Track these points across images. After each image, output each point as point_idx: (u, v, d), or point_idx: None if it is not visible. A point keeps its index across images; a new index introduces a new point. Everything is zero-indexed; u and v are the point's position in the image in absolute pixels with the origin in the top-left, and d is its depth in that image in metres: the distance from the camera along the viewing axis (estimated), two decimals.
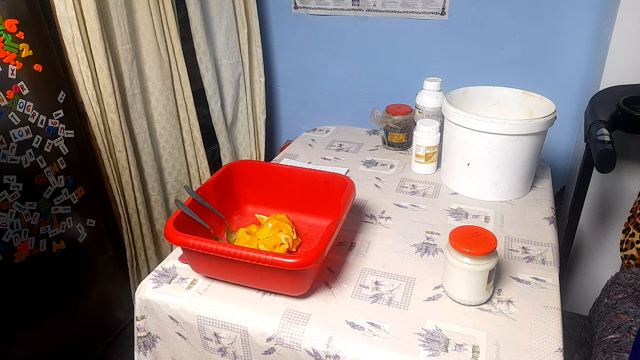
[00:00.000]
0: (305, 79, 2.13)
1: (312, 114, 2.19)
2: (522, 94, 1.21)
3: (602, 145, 1.08)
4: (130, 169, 1.51)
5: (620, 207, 1.56)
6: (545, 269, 0.90)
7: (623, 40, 1.39)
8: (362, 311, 0.81)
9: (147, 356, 0.93)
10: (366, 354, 0.74)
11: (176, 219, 0.84)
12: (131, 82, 1.49)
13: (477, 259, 0.77)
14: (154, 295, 0.87)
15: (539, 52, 1.72)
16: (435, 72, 1.43)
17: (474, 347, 0.73)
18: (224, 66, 1.84)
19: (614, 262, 1.62)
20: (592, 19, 1.61)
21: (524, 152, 1.07)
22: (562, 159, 1.84)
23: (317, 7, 1.94)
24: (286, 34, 2.07)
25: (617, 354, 1.02)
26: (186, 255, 0.88)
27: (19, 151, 1.23)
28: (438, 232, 1.01)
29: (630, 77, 1.40)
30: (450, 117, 1.11)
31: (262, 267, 0.76)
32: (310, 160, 1.35)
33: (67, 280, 1.45)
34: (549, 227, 1.03)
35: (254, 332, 0.80)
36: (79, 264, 1.48)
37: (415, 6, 1.81)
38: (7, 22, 1.15)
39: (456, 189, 1.17)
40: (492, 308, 0.81)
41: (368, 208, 1.11)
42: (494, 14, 1.72)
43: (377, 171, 1.28)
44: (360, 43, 1.96)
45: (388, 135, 1.39)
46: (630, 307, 1.13)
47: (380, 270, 0.91)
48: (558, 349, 0.73)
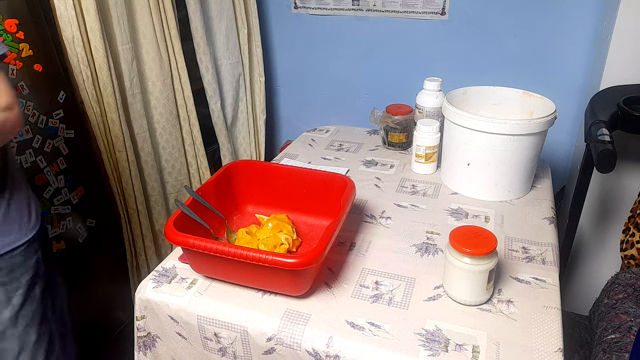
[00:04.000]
0: (305, 79, 2.13)
1: (312, 114, 2.19)
2: (522, 94, 1.21)
3: (602, 145, 1.08)
4: (130, 169, 1.51)
5: (620, 207, 1.56)
6: (545, 269, 0.90)
7: (623, 40, 1.39)
8: (362, 311, 0.81)
9: (147, 356, 0.93)
10: (366, 354, 0.74)
11: (176, 219, 0.84)
12: (131, 82, 1.49)
13: (477, 259, 0.77)
14: (154, 295, 0.87)
15: (539, 52, 1.72)
16: (435, 72, 1.43)
17: (474, 347, 0.73)
18: (224, 66, 1.84)
19: (614, 262, 1.62)
20: (592, 19, 1.61)
21: (524, 152, 1.07)
22: (562, 159, 1.84)
23: (317, 7, 1.95)
24: (286, 33, 2.07)
25: (617, 354, 1.02)
26: (186, 255, 0.88)
27: (19, 151, 1.23)
28: (438, 232, 1.01)
29: (630, 77, 1.40)
30: (450, 117, 1.11)
31: (262, 267, 0.76)
32: (310, 160, 1.35)
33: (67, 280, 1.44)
34: (549, 227, 1.03)
35: (254, 332, 0.80)
36: (79, 264, 1.47)
37: (415, 6, 1.81)
38: (7, 22, 1.15)
39: (456, 189, 1.17)
40: (492, 308, 0.81)
41: (368, 208, 1.11)
42: (494, 14, 1.72)
43: (377, 171, 1.28)
44: (360, 43, 1.96)
45: (388, 135, 1.39)
46: (630, 307, 1.13)
47: (380, 270, 0.91)
48: (558, 349, 0.73)
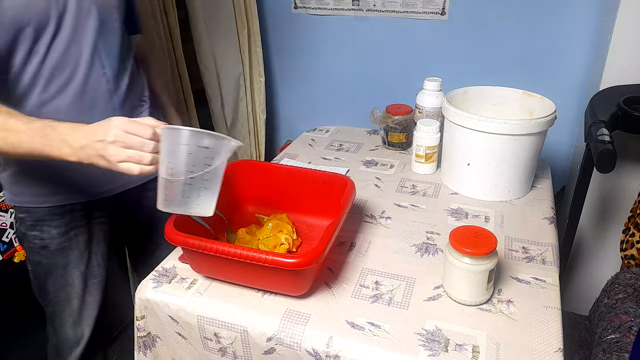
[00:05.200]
0: (305, 79, 2.13)
1: (312, 114, 2.19)
2: (522, 94, 1.21)
3: (602, 145, 1.08)
4: None
5: (620, 207, 1.57)
6: (545, 269, 0.90)
7: (623, 40, 1.39)
8: (362, 311, 0.81)
9: (147, 356, 0.93)
10: (366, 354, 0.74)
11: (176, 219, 0.84)
12: None
13: (477, 259, 0.77)
14: (154, 295, 0.87)
15: (539, 52, 1.72)
16: (435, 72, 1.43)
17: (474, 347, 0.73)
18: (224, 66, 1.84)
19: (614, 262, 1.62)
20: (592, 19, 1.61)
21: (524, 152, 1.07)
22: (562, 159, 1.84)
23: (317, 7, 1.95)
24: (286, 33, 2.07)
25: (617, 354, 1.02)
26: (186, 255, 0.88)
27: None
28: (438, 232, 1.01)
29: (630, 77, 1.40)
30: (450, 117, 1.11)
31: (262, 267, 0.76)
32: (310, 160, 1.35)
33: None
34: (549, 227, 1.03)
35: (254, 332, 0.80)
36: None
37: (415, 6, 1.81)
38: None
39: (456, 189, 1.17)
40: (492, 308, 0.81)
41: (368, 208, 1.11)
42: (494, 14, 1.72)
43: (377, 171, 1.28)
44: (360, 43, 1.96)
45: (388, 135, 1.39)
46: (630, 307, 1.13)
47: (380, 270, 0.91)
48: (558, 349, 0.73)
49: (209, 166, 0.72)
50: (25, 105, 0.87)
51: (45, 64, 0.86)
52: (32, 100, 0.88)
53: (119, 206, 1.08)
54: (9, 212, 1.23)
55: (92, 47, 0.90)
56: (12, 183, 0.97)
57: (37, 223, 0.98)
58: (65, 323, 1.05)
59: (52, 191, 0.97)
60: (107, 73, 0.94)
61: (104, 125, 0.72)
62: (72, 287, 1.04)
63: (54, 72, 0.87)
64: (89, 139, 0.72)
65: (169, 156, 0.71)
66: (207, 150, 0.71)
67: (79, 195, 1.00)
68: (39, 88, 0.87)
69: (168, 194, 0.73)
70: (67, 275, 1.03)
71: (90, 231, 1.05)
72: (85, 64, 0.90)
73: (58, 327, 1.06)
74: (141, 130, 0.71)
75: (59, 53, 0.87)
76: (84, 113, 0.92)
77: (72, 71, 0.89)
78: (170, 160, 0.71)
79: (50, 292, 1.03)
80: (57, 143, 0.74)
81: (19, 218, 1.00)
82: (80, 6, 0.87)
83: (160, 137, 0.72)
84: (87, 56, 0.90)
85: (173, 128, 0.71)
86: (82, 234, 1.03)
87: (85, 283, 1.05)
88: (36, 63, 0.85)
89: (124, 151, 0.71)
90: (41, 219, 0.98)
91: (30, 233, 0.99)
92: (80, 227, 1.02)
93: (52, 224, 0.99)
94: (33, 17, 0.81)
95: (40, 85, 0.87)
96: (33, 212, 0.98)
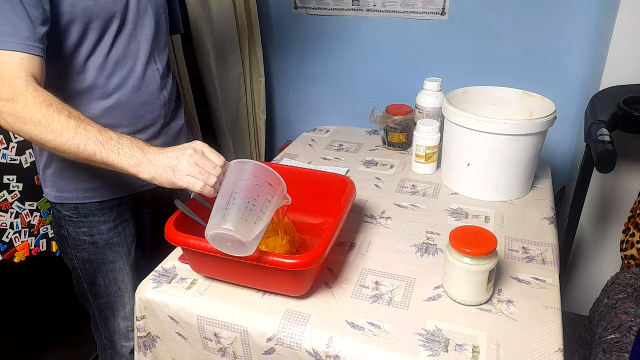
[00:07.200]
0: (305, 79, 2.13)
1: (312, 114, 2.19)
2: (522, 94, 1.21)
3: (602, 145, 1.08)
4: None
5: (620, 207, 1.56)
6: (545, 269, 0.90)
7: (623, 40, 1.39)
8: (362, 311, 0.81)
9: (147, 356, 0.93)
10: (366, 354, 0.74)
11: (176, 219, 0.84)
12: None
13: (477, 259, 0.77)
14: (154, 295, 0.87)
15: (539, 52, 1.72)
16: (435, 72, 1.43)
17: (474, 347, 0.73)
18: (224, 66, 1.84)
19: (614, 262, 1.62)
20: (592, 19, 1.61)
21: (524, 152, 1.07)
22: (562, 159, 1.84)
23: (317, 7, 1.95)
24: (286, 33, 2.07)
25: (617, 354, 1.02)
26: (186, 255, 0.88)
27: (19, 151, 1.23)
28: (438, 232, 1.01)
29: (630, 77, 1.40)
30: (450, 117, 1.11)
31: (262, 268, 0.76)
32: (310, 160, 1.35)
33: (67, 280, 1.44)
34: (549, 227, 1.03)
35: (254, 332, 0.80)
36: None
37: (415, 6, 1.81)
38: None
39: (456, 189, 1.17)
40: (492, 308, 0.81)
41: (368, 208, 1.11)
42: (494, 14, 1.72)
43: (377, 171, 1.28)
44: (360, 43, 1.96)
45: (388, 135, 1.39)
46: (630, 307, 1.13)
47: (380, 270, 0.91)
48: (558, 349, 0.73)
49: (269, 202, 0.77)
50: (90, 99, 0.92)
51: (109, 57, 0.92)
52: (96, 93, 0.92)
53: (159, 199, 1.11)
54: (9, 212, 1.23)
55: (148, 44, 0.96)
56: (60, 179, 0.99)
57: (86, 219, 1.00)
58: (118, 314, 1.09)
59: (101, 185, 0.99)
60: (159, 69, 1.00)
61: (185, 144, 0.79)
62: (122, 283, 1.07)
63: (116, 66, 0.93)
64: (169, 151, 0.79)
65: (235, 185, 0.76)
66: (270, 187, 0.78)
67: (126, 189, 1.03)
68: (102, 81, 0.92)
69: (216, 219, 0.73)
70: (116, 269, 1.06)
71: (136, 224, 1.09)
72: (143, 59, 0.96)
73: (111, 319, 1.09)
74: (216, 157, 0.79)
75: (121, 48, 0.92)
76: (140, 107, 0.98)
77: (132, 66, 0.95)
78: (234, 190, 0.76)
79: (101, 286, 1.06)
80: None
81: (64, 216, 1.01)
82: (139, 4, 0.93)
83: (229, 168, 0.79)
84: (145, 52, 0.96)
85: (241, 161, 0.80)
86: (128, 227, 1.06)
87: (134, 275, 1.08)
88: (101, 55, 0.90)
89: (195, 167, 0.77)
90: (90, 215, 1.00)
91: (78, 230, 1.01)
92: (127, 220, 1.06)
93: (101, 219, 1.02)
94: (101, 12, 0.87)
95: (104, 78, 0.92)
96: (81, 209, 1.00)
